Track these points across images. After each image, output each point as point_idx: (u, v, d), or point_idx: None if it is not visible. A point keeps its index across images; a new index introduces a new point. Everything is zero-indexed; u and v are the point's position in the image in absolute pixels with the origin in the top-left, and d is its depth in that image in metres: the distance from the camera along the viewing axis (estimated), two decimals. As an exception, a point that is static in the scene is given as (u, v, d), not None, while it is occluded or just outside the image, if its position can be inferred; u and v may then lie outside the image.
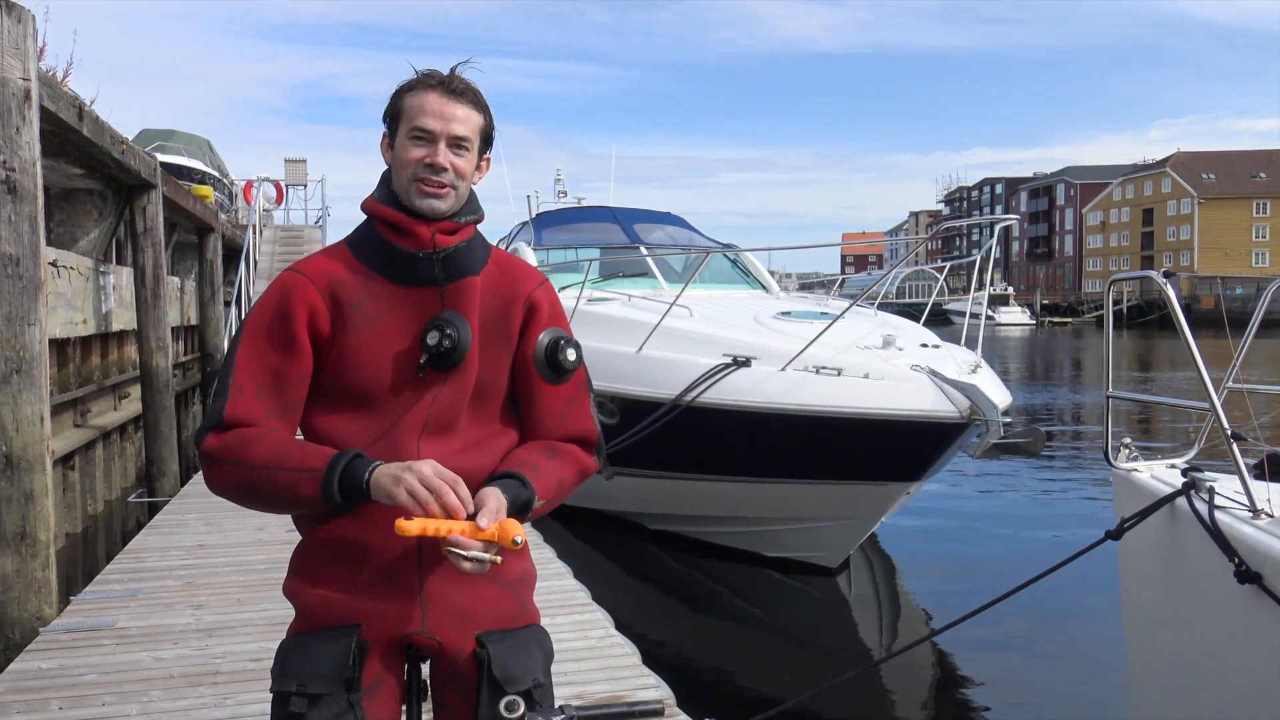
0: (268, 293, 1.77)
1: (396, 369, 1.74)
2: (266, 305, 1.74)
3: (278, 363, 1.71)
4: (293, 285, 1.74)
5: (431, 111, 1.70)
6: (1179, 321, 3.34)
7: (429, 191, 1.70)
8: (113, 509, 10.01)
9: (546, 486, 1.73)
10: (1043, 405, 20.02)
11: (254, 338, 1.72)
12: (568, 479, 1.81)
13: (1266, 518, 3.08)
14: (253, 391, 1.70)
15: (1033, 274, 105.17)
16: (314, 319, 1.72)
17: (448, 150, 1.71)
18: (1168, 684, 3.73)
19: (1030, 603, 4.26)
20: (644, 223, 11.04)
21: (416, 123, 1.70)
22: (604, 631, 4.72)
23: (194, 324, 15.46)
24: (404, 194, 1.73)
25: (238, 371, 1.71)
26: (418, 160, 1.70)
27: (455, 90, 1.72)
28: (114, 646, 4.41)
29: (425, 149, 1.70)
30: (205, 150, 24.77)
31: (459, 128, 1.71)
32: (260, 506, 1.73)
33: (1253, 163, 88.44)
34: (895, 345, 6.87)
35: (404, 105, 1.73)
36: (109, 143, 8.04)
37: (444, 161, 1.70)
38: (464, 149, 1.72)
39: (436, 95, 1.71)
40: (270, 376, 1.71)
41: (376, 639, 1.73)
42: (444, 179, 1.70)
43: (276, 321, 1.72)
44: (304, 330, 1.71)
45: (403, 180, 1.72)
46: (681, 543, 8.26)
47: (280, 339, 1.71)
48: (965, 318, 8.25)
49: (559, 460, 1.80)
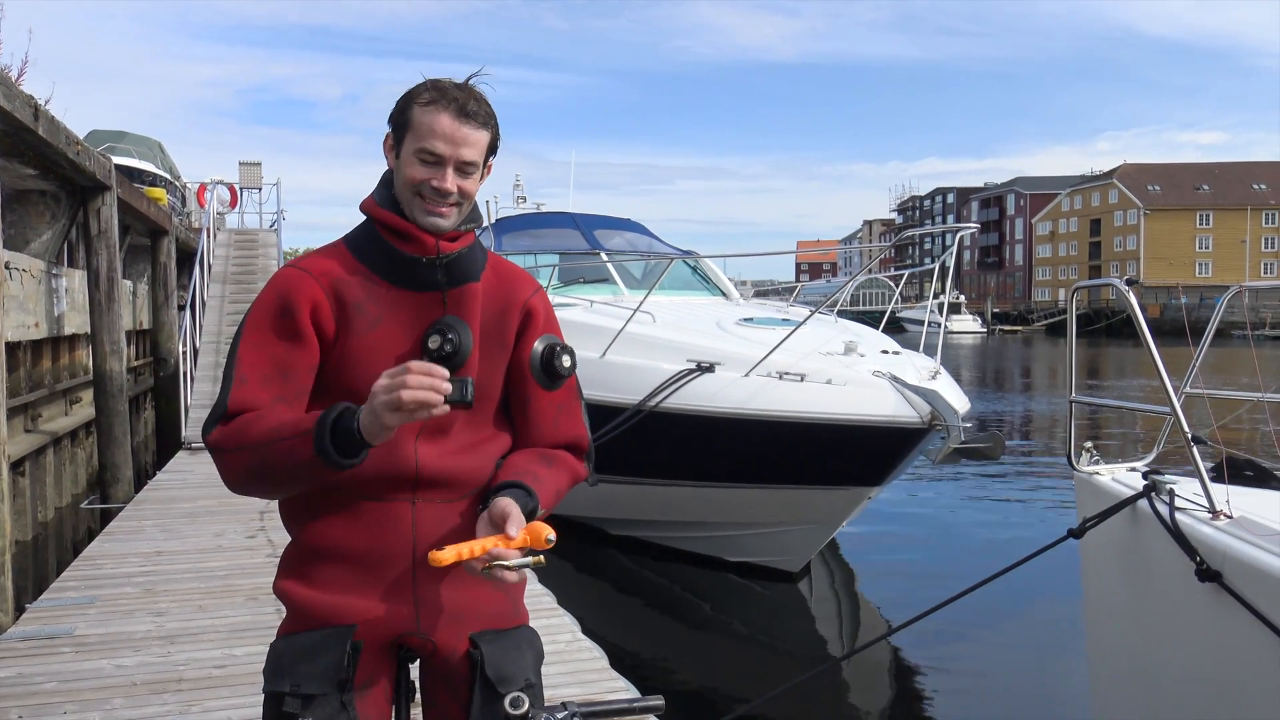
0: (267, 288, 1.74)
1: None
2: (267, 299, 1.72)
3: (283, 353, 1.69)
4: (295, 280, 1.72)
5: (442, 135, 1.66)
6: (1141, 329, 3.42)
7: (433, 211, 1.70)
8: (64, 516, 9.80)
9: (547, 495, 1.74)
10: (996, 411, 20.32)
11: (256, 330, 1.70)
12: (563, 487, 1.82)
13: (1225, 518, 3.17)
14: (257, 381, 1.67)
15: (984, 282, 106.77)
16: (317, 314, 1.70)
17: (455, 174, 1.69)
18: (1127, 679, 3.82)
19: (992, 601, 4.35)
20: (604, 229, 11.06)
21: (425, 144, 1.67)
22: (571, 636, 4.73)
23: (147, 328, 15.20)
24: (407, 206, 1.72)
25: (240, 364, 1.68)
26: (423, 180, 1.68)
27: (468, 112, 1.68)
28: (73, 654, 4.33)
29: (432, 171, 1.68)
30: (157, 152, 24.41)
31: (468, 152, 1.69)
32: (273, 487, 1.67)
33: (1196, 175, 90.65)
34: (857, 351, 6.95)
35: (414, 119, 1.69)
36: (64, 143, 7.90)
37: (450, 186, 1.68)
38: (470, 171, 1.71)
39: (449, 117, 1.67)
40: (275, 366, 1.68)
41: (370, 639, 1.72)
42: (449, 201, 1.70)
43: (278, 314, 1.70)
44: (308, 323, 1.69)
45: (406, 194, 1.71)
46: (645, 548, 8.28)
47: (284, 330, 1.69)
48: (922, 325, 8.36)
49: (554, 468, 1.81)
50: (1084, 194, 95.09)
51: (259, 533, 6.52)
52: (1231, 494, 3.25)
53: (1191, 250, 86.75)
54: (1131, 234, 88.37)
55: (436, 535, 1.73)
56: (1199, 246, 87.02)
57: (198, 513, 7.15)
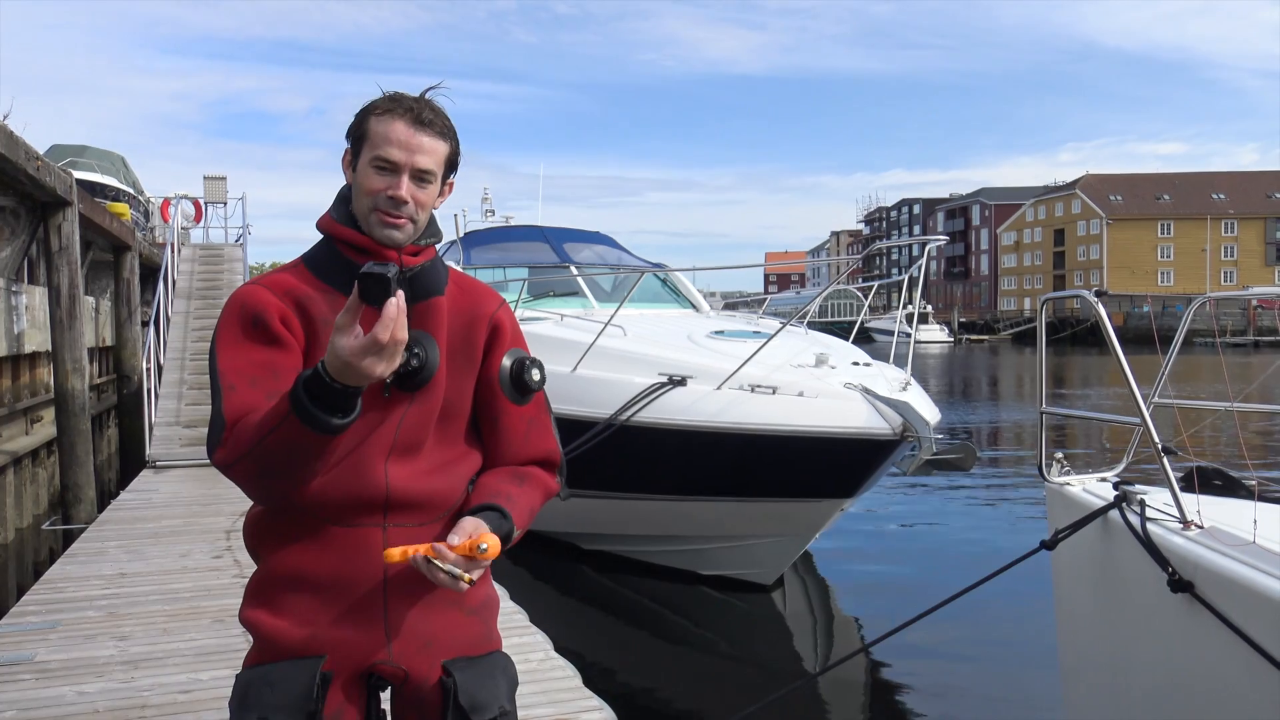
0: (229, 307, 1.70)
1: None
2: (232, 314, 1.68)
3: (264, 356, 1.65)
4: (256, 294, 1.68)
5: (397, 142, 1.65)
6: (1110, 340, 3.44)
7: (388, 222, 1.67)
8: (24, 537, 9.62)
9: (521, 515, 1.72)
10: (965, 422, 20.47)
11: (230, 343, 1.66)
12: (536, 504, 1.80)
13: (1196, 529, 3.19)
14: (245, 385, 1.62)
15: (950, 292, 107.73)
16: (286, 322, 1.67)
17: (411, 183, 1.67)
18: (1100, 691, 3.83)
19: (965, 613, 4.35)
20: (573, 242, 11.04)
21: (380, 152, 1.65)
22: (544, 654, 4.68)
23: (110, 345, 15.01)
24: (363, 220, 1.69)
25: (224, 375, 1.63)
26: (379, 190, 1.66)
27: (423, 120, 1.67)
28: (34, 681, 4.23)
29: (387, 179, 1.66)
30: (120, 167, 24.11)
31: (424, 160, 1.67)
32: (287, 479, 1.59)
33: (1157, 185, 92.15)
34: (828, 364, 6.96)
35: (369, 129, 1.68)
36: (23, 159, 7.78)
37: (406, 195, 1.66)
38: (427, 181, 1.69)
39: (403, 125, 1.65)
40: (259, 368, 1.64)
41: (340, 669, 1.69)
42: (404, 211, 1.67)
43: (249, 324, 1.66)
44: (281, 328, 1.66)
45: (362, 206, 1.69)
46: (618, 562, 8.24)
47: (258, 336, 1.65)
48: (892, 336, 8.39)
49: (527, 486, 1.79)
50: (1048, 204, 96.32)
51: (225, 553, 6.42)
52: (1202, 504, 3.26)
53: (1153, 259, 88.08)
54: (1095, 243, 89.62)
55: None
56: (1160, 255, 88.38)
57: (162, 533, 7.03)
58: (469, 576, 1.55)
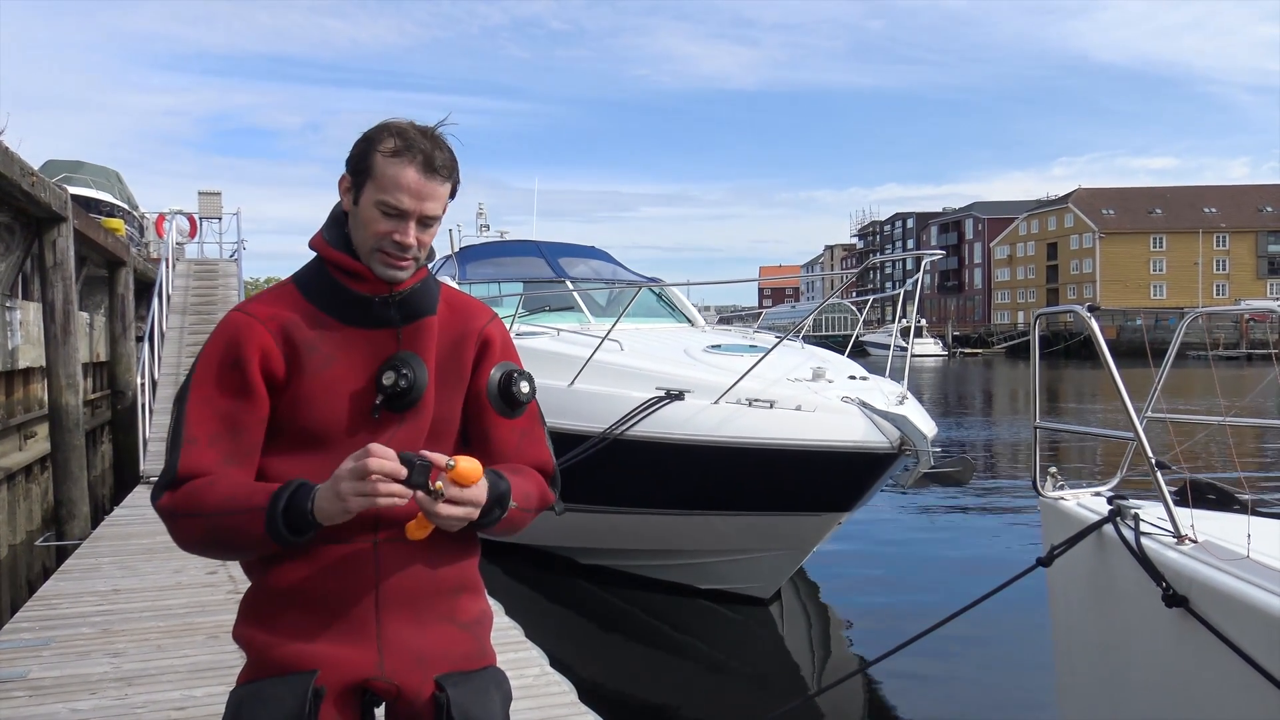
0: (214, 337, 1.72)
1: (352, 411, 1.71)
2: (214, 350, 1.69)
3: (231, 408, 1.66)
4: (242, 327, 1.69)
5: (407, 189, 1.64)
6: (1104, 354, 3.46)
7: (391, 265, 1.68)
8: (18, 554, 9.57)
9: (518, 491, 1.72)
10: (961, 437, 20.49)
11: (204, 384, 1.67)
12: (532, 496, 1.80)
13: (1190, 543, 3.20)
14: (206, 440, 1.65)
15: (944, 306, 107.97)
16: (267, 362, 1.68)
17: (416, 228, 1.68)
18: (1097, 705, 3.83)
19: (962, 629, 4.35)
20: (569, 257, 11.05)
21: (388, 198, 1.64)
22: (539, 670, 4.66)
23: (104, 360, 14.96)
24: (364, 254, 1.70)
25: (188, 423, 1.65)
26: (385, 234, 1.67)
27: (434, 167, 1.65)
28: (27, 699, 4.21)
29: (394, 224, 1.66)
30: (114, 182, 24.12)
31: (432, 207, 1.67)
32: (226, 555, 1.67)
33: (1149, 199, 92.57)
34: (825, 377, 6.98)
35: (377, 168, 1.66)
36: (18, 174, 7.78)
37: (412, 240, 1.67)
38: (432, 224, 1.70)
39: (414, 172, 1.64)
40: (223, 423, 1.66)
41: (333, 685, 1.68)
42: (409, 254, 1.68)
43: (227, 366, 1.67)
44: (257, 374, 1.67)
45: (365, 244, 1.69)
46: (615, 577, 8.22)
47: (232, 384, 1.66)
48: (888, 350, 8.42)
49: (523, 476, 1.80)
50: (1040, 218, 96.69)
51: (219, 569, 6.40)
52: (1195, 518, 3.27)
53: (1146, 273, 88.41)
54: (1087, 257, 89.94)
55: (399, 576, 1.70)
56: (1153, 269, 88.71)
57: (156, 549, 7.01)
58: (439, 485, 1.54)
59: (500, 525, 1.70)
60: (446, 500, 1.55)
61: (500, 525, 1.70)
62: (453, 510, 1.55)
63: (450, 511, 1.55)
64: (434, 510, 1.54)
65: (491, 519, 1.65)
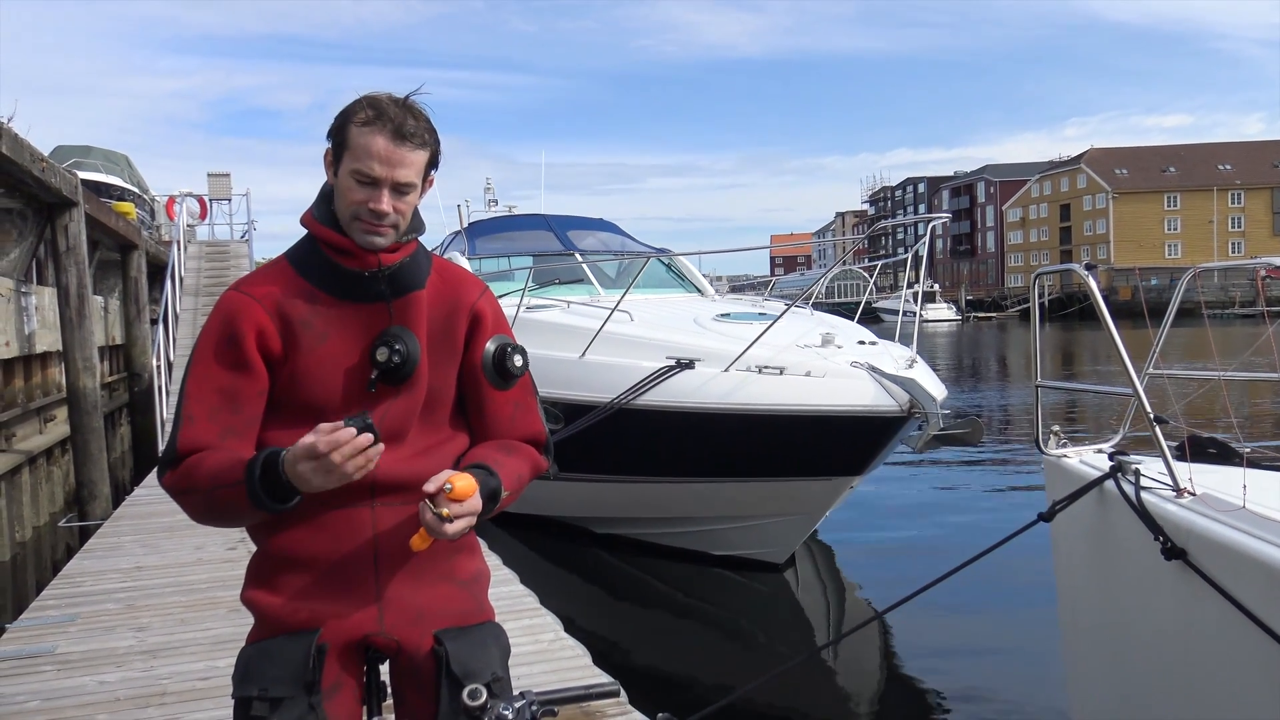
0: (212, 316, 1.77)
1: (347, 384, 1.76)
2: (212, 329, 1.75)
3: (229, 382, 1.72)
4: (239, 306, 1.74)
5: (378, 157, 1.67)
6: (1101, 312, 3.48)
7: (370, 231, 1.72)
8: (42, 535, 9.74)
9: (509, 478, 1.78)
10: (974, 401, 20.48)
11: (202, 361, 1.73)
12: (524, 474, 1.86)
13: (1189, 496, 3.23)
14: (204, 416, 1.71)
15: (957, 270, 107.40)
16: (263, 338, 1.73)
17: (391, 195, 1.70)
18: (1099, 655, 3.88)
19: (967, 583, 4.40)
20: (577, 229, 11.07)
21: (361, 165, 1.68)
22: (554, 635, 4.74)
23: (120, 343, 15.10)
24: (345, 225, 1.73)
25: (188, 401, 1.72)
26: (360, 202, 1.70)
27: (404, 133, 1.68)
28: (55, 673, 4.32)
29: (368, 192, 1.69)
30: (124, 166, 24.19)
31: (404, 174, 1.69)
32: (233, 524, 1.74)
33: (1162, 158, 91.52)
34: (834, 343, 7.00)
35: (350, 139, 1.69)
36: (28, 160, 7.85)
37: (386, 208, 1.70)
38: (407, 191, 1.72)
39: (384, 140, 1.67)
40: (222, 397, 1.71)
41: (335, 642, 1.75)
42: (385, 222, 1.71)
43: (224, 343, 1.72)
44: (254, 349, 1.72)
45: (344, 213, 1.73)
46: (629, 545, 8.31)
47: (230, 359, 1.72)
48: (897, 315, 8.43)
49: (515, 456, 1.85)
50: (1053, 180, 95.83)
51: (239, 544, 6.51)
52: (1195, 472, 3.30)
53: (1160, 232, 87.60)
54: (1101, 218, 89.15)
55: (396, 538, 1.76)
56: (1167, 228, 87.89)
57: (177, 526, 7.12)
58: (447, 511, 1.61)
59: (495, 512, 1.78)
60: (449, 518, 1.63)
61: (495, 512, 1.78)
62: (456, 525, 1.63)
63: (454, 528, 1.63)
64: (441, 531, 1.62)
65: (486, 514, 1.72)
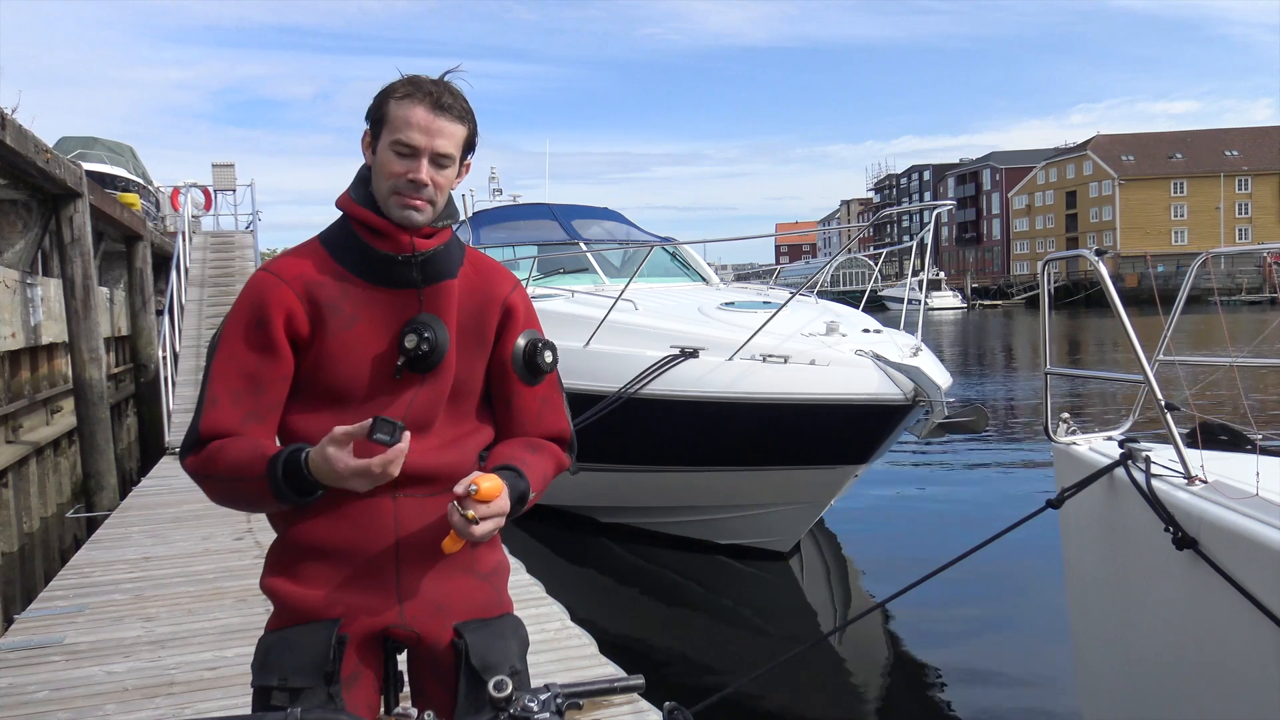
0: (242, 297, 1.76)
1: (374, 370, 1.75)
2: (241, 310, 1.74)
3: (255, 365, 1.71)
4: (268, 287, 1.73)
5: (417, 126, 1.68)
6: (1112, 298, 3.46)
7: (408, 204, 1.71)
8: (49, 526, 9.77)
9: (536, 479, 1.78)
10: (979, 389, 20.44)
11: (230, 342, 1.73)
12: (549, 473, 1.86)
13: (1200, 484, 3.21)
14: (228, 399, 1.70)
15: (962, 258, 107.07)
16: (291, 321, 1.72)
17: (430, 166, 1.70)
18: (1109, 644, 3.87)
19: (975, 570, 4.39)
20: (582, 219, 11.05)
21: (400, 136, 1.68)
22: (561, 624, 4.75)
23: (126, 334, 15.13)
24: (382, 202, 1.73)
25: (212, 382, 1.72)
26: (399, 174, 1.70)
27: (442, 104, 1.69)
28: (64, 663, 4.33)
29: (407, 164, 1.69)
30: (129, 157, 24.17)
31: (443, 144, 1.70)
32: (253, 510, 1.75)
33: (1169, 144, 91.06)
34: (839, 331, 6.99)
35: (389, 113, 1.70)
36: (33, 152, 7.84)
37: (425, 178, 1.69)
38: (446, 164, 1.72)
39: (423, 110, 1.68)
40: (246, 381, 1.71)
41: (355, 632, 1.75)
42: (424, 194, 1.71)
43: (252, 325, 1.72)
44: (281, 333, 1.72)
45: (382, 189, 1.72)
46: (635, 534, 8.31)
47: (257, 342, 1.71)
48: (902, 303, 8.41)
49: (540, 455, 1.85)
50: (1059, 167, 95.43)
51: (246, 535, 6.51)
52: (1206, 459, 3.28)
53: (1167, 219, 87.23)
54: (1107, 205, 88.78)
55: (418, 529, 1.75)
56: (1174, 215, 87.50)
57: (184, 517, 7.13)
58: (473, 514, 1.60)
59: (521, 512, 1.78)
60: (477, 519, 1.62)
61: (521, 512, 1.78)
62: (484, 527, 1.62)
63: (482, 530, 1.62)
64: (470, 533, 1.61)
65: (514, 515, 1.72)
